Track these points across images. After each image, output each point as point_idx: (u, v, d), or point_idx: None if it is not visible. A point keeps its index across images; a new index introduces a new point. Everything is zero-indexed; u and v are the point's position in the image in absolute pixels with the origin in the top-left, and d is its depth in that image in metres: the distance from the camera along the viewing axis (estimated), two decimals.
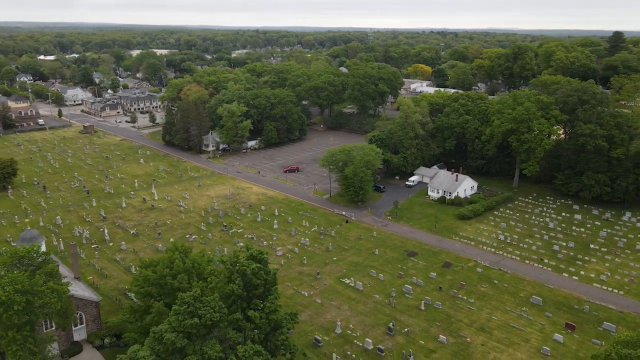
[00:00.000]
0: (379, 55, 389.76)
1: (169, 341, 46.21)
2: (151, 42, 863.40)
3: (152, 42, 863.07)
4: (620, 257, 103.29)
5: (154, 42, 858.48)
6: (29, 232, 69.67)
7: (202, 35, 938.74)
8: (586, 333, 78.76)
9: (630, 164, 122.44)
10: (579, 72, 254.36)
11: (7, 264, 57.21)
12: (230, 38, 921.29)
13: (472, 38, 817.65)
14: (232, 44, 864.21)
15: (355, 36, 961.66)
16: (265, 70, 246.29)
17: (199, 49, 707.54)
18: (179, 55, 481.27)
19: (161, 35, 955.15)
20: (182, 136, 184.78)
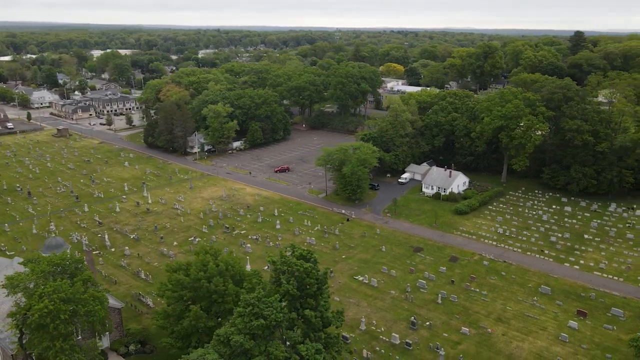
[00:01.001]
0: (349, 54, 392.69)
1: (237, 343, 45.93)
2: (110, 42, 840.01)
3: (111, 42, 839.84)
4: (614, 245, 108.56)
5: (113, 42, 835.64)
6: (54, 239, 67.32)
7: (163, 35, 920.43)
8: (597, 319, 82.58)
9: (614, 158, 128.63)
10: (547, 70, 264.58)
11: (45, 273, 55.22)
12: (192, 38, 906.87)
13: (433, 37, 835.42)
14: (195, 43, 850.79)
15: (318, 36, 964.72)
16: (244, 70, 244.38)
17: (161, 49, 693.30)
18: (144, 56, 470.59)
19: (120, 35, 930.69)
20: (166, 138, 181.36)
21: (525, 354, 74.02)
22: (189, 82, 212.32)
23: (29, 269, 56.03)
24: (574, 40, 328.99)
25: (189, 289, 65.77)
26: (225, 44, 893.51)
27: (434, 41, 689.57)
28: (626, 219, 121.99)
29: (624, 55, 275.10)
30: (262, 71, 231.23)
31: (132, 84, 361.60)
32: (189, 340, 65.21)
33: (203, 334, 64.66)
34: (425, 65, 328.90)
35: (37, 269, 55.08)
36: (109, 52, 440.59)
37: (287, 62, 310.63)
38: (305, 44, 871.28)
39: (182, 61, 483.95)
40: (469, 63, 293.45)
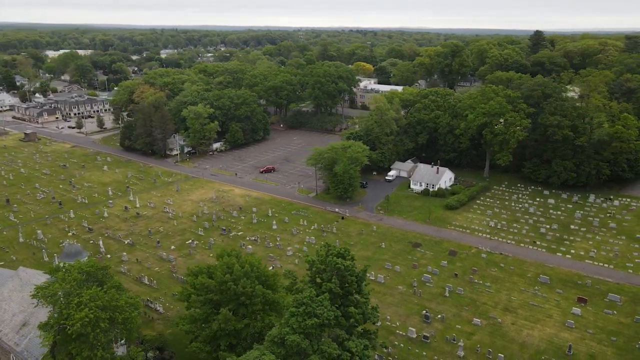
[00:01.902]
0: (316, 54, 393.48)
1: (294, 343, 45.96)
2: (62, 42, 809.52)
3: (64, 42, 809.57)
4: (599, 234, 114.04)
5: (66, 42, 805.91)
6: (72, 246, 64.97)
7: (119, 35, 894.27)
8: (597, 305, 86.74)
9: (591, 151, 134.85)
10: (512, 67, 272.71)
11: (77, 281, 53.39)
12: (150, 37, 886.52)
13: (391, 37, 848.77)
14: (154, 43, 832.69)
15: (278, 35, 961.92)
16: (217, 70, 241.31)
17: (118, 49, 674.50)
18: (104, 56, 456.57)
19: (72, 34, 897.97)
20: (145, 140, 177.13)
21: (537, 341, 77.04)
22: (164, 83, 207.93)
23: (58, 277, 54.03)
24: (534, 40, 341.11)
25: (215, 292, 65.10)
26: (185, 44, 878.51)
27: (393, 40, 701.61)
28: (606, 209, 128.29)
29: (582, 54, 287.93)
30: (237, 71, 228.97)
31: (96, 85, 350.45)
32: (216, 343, 64.57)
33: (231, 336, 64.16)
34: (393, 64, 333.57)
35: (68, 277, 53.21)
36: (68, 52, 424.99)
37: (258, 62, 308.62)
38: (267, 44, 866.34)
39: (145, 61, 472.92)
40: (438, 62, 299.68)
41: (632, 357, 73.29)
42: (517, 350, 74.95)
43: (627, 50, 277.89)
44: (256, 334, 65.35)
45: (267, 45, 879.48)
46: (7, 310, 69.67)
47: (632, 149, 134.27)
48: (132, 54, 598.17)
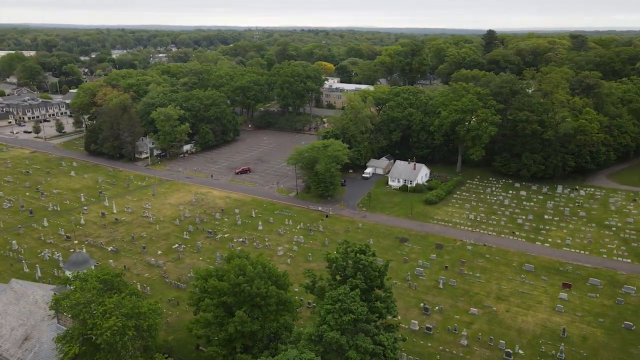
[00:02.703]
0: (273, 53, 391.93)
1: (333, 339, 46.38)
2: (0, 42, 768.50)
3: (2, 42, 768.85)
4: (572, 223, 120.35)
5: (4, 43, 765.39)
6: (79, 254, 62.40)
7: (63, 35, 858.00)
8: (580, 289, 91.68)
9: (558, 144, 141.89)
10: (470, 65, 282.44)
11: (97, 289, 51.62)
12: (96, 38, 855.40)
13: (343, 36, 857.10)
14: (101, 44, 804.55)
15: (229, 35, 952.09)
16: (181, 71, 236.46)
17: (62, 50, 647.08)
18: (51, 57, 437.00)
19: (10, 34, 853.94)
20: (113, 144, 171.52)
21: (532, 326, 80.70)
22: (128, 84, 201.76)
23: (76, 287, 52.05)
24: (487, 38, 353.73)
25: (228, 295, 64.50)
26: (134, 44, 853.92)
27: (346, 40, 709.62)
28: (574, 198, 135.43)
29: (533, 52, 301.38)
30: (202, 72, 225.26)
31: (47, 88, 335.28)
32: (232, 346, 64.06)
33: (246, 338, 63.82)
34: (354, 63, 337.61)
35: (88, 286, 51.39)
36: (13, 53, 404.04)
37: (219, 62, 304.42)
38: (219, 44, 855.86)
39: (96, 63, 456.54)
40: (398, 60, 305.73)
41: (620, 336, 78.08)
42: (516, 336, 78.27)
43: (574, 48, 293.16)
44: (272, 334, 65.38)
45: (220, 45, 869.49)
46: (5, 325, 66.38)
47: (594, 142, 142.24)
48: (79, 55, 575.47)
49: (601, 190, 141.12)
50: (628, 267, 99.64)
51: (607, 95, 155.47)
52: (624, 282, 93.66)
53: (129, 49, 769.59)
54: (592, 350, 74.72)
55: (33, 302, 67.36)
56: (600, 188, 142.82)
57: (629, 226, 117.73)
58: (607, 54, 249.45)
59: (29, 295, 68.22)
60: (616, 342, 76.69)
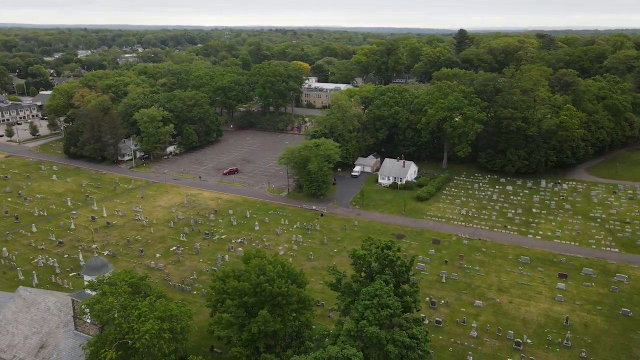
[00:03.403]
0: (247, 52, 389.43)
1: (373, 334, 47.06)
2: None
3: None
4: (559, 215, 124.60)
5: None
6: (97, 259, 60.78)
7: (22, 35, 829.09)
8: (575, 279, 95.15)
9: (541, 140, 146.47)
10: (444, 64, 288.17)
11: (127, 293, 50.71)
12: (57, 38, 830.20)
13: (311, 36, 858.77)
14: (63, 44, 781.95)
15: (196, 35, 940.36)
16: (159, 72, 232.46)
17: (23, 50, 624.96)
18: (14, 58, 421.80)
19: None
20: (94, 146, 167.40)
21: (536, 316, 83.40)
22: (106, 85, 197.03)
23: (106, 291, 51.01)
24: (459, 38, 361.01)
25: (249, 295, 64.40)
26: (98, 44, 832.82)
27: (314, 39, 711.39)
28: (557, 192, 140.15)
29: (504, 51, 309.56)
30: (181, 72, 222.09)
31: (13, 90, 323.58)
32: (254, 346, 64.03)
33: (268, 337, 63.89)
34: (329, 63, 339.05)
35: (118, 290, 50.47)
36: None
37: (194, 62, 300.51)
38: (186, 44, 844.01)
39: (62, 63, 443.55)
40: (374, 60, 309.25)
41: (619, 322, 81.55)
42: (522, 326, 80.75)
43: (544, 47, 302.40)
44: (294, 333, 65.67)
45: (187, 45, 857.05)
46: (17, 334, 64.50)
47: (574, 137, 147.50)
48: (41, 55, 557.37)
49: (582, 183, 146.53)
50: (617, 257, 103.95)
51: (583, 93, 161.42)
52: (615, 271, 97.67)
53: (94, 49, 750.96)
54: (595, 337, 77.82)
55: (45, 309, 65.67)
56: (580, 181, 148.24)
57: (612, 217, 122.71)
58: (575, 53, 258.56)
59: (40, 303, 66.46)
60: (616, 328, 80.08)
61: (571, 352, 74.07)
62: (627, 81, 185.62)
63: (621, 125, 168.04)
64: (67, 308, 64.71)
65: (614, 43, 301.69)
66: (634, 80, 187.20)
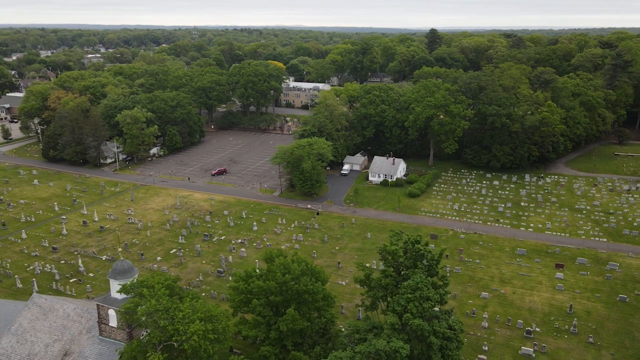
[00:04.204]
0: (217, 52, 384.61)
1: (418, 327, 48.07)
2: None
3: None
4: (547, 208, 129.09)
5: None
6: (123, 262, 59.31)
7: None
8: (571, 269, 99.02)
9: (524, 136, 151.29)
10: (419, 63, 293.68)
11: (166, 296, 50.04)
12: (14, 37, 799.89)
13: (277, 35, 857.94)
14: (21, 44, 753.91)
15: (160, 34, 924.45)
16: (136, 72, 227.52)
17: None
18: None
19: None
20: (75, 149, 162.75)
21: (540, 305, 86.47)
22: (83, 86, 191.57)
23: (145, 294, 50.18)
24: (430, 37, 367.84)
25: (275, 294, 64.52)
26: (57, 44, 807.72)
27: (280, 39, 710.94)
28: (542, 186, 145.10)
29: (475, 50, 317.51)
30: (159, 72, 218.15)
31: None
32: (282, 344, 64.26)
33: (296, 335, 64.23)
34: (304, 62, 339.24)
35: (158, 292, 49.78)
36: None
37: (167, 62, 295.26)
38: (150, 44, 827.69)
39: (25, 64, 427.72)
40: (349, 59, 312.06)
41: (617, 308, 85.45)
42: (528, 315, 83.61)
43: (513, 46, 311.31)
44: (320, 329, 66.15)
45: (152, 44, 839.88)
46: (36, 342, 62.62)
47: (555, 133, 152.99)
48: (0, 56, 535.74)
49: (563, 177, 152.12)
50: (606, 246, 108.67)
51: (561, 90, 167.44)
52: (607, 260, 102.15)
53: (54, 49, 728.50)
54: (598, 323, 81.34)
55: (64, 316, 64.00)
56: (562, 175, 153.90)
57: (596, 209, 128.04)
58: (544, 51, 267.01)
59: (58, 309, 64.70)
60: (616, 313, 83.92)
61: (579, 338, 77.24)
62: (598, 78, 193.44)
63: (595, 120, 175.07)
64: (88, 314, 63.33)
65: (579, 42, 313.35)
66: (603, 77, 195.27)
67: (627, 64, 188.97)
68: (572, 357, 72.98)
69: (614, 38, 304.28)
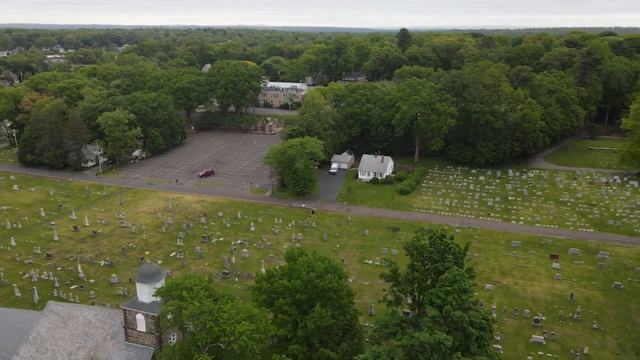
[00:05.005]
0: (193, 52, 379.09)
1: (460, 318, 49.28)
2: None
3: None
4: (533, 202, 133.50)
5: None
6: (150, 266, 58.01)
7: None
8: (565, 259, 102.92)
9: (507, 132, 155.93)
10: (393, 62, 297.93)
11: (206, 297, 49.52)
12: None
13: (242, 35, 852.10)
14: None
15: (121, 34, 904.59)
16: (110, 73, 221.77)
17: None
18: None
19: None
20: (55, 153, 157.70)
21: (542, 295, 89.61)
22: (59, 88, 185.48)
23: (185, 296, 49.53)
24: (401, 37, 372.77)
25: (301, 292, 64.75)
26: (12, 45, 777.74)
27: (245, 38, 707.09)
28: (525, 180, 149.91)
29: (447, 49, 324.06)
30: (135, 73, 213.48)
31: None
32: (308, 342, 64.52)
33: (322, 333, 64.62)
34: (277, 62, 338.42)
35: (199, 294, 49.25)
36: None
37: (139, 63, 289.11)
38: (112, 44, 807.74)
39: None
40: (323, 59, 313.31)
41: (614, 295, 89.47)
42: (533, 305, 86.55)
43: (483, 45, 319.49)
44: (346, 326, 66.76)
45: (113, 44, 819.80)
46: (58, 351, 60.89)
47: (536, 129, 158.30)
48: None
49: (544, 171, 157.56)
50: (594, 236, 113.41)
51: (538, 87, 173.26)
52: (597, 249, 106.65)
53: (10, 50, 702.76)
54: (599, 309, 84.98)
55: (85, 322, 62.44)
56: (542, 169, 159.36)
57: (580, 201, 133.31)
58: (514, 50, 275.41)
59: (78, 316, 63.07)
60: (613, 300, 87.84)
61: (584, 325, 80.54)
62: (569, 76, 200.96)
63: (569, 116, 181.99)
64: (111, 319, 62.04)
65: (544, 41, 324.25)
66: (573, 75, 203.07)
67: (596, 62, 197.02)
68: (580, 343, 76.03)
69: (577, 37, 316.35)
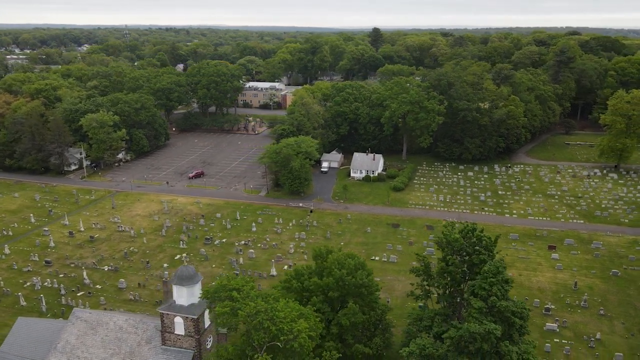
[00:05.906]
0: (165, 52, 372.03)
1: (507, 309, 50.71)
2: None
3: None
4: (523, 195, 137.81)
5: None
6: (187, 268, 56.82)
7: None
8: (563, 250, 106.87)
9: (492, 129, 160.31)
10: (369, 61, 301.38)
11: (257, 297, 49.27)
12: None
13: (205, 34, 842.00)
14: None
15: (81, 34, 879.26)
16: (85, 74, 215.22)
17: None
18: None
19: None
20: (36, 157, 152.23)
21: (547, 285, 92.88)
22: (35, 90, 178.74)
23: (236, 297, 49.15)
24: (373, 36, 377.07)
25: (333, 290, 65.21)
26: None
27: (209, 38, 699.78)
28: (512, 175, 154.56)
29: (419, 48, 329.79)
30: (112, 74, 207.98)
31: None
32: (341, 339, 65.05)
33: (355, 329, 65.29)
34: (251, 62, 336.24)
35: (250, 294, 49.00)
36: None
37: (110, 64, 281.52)
38: (71, 44, 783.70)
39: None
40: (298, 58, 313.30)
41: (613, 282, 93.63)
42: (540, 294, 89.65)
43: (455, 44, 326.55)
44: (377, 321, 67.61)
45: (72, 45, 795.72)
46: (90, 358, 59.40)
47: (519, 125, 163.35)
48: None
49: (528, 166, 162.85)
50: (584, 227, 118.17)
51: (519, 85, 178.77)
52: (589, 239, 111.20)
53: None
54: (601, 296, 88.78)
55: (116, 328, 61.13)
56: (526, 164, 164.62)
57: (566, 194, 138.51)
58: (486, 49, 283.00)
59: (108, 323, 61.67)
60: (614, 287, 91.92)
61: (591, 312, 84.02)
62: (543, 74, 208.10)
63: (547, 112, 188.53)
64: (144, 324, 61.02)
65: (512, 40, 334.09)
66: (547, 72, 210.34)
67: (569, 60, 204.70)
68: (590, 329, 79.32)
69: (543, 36, 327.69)
